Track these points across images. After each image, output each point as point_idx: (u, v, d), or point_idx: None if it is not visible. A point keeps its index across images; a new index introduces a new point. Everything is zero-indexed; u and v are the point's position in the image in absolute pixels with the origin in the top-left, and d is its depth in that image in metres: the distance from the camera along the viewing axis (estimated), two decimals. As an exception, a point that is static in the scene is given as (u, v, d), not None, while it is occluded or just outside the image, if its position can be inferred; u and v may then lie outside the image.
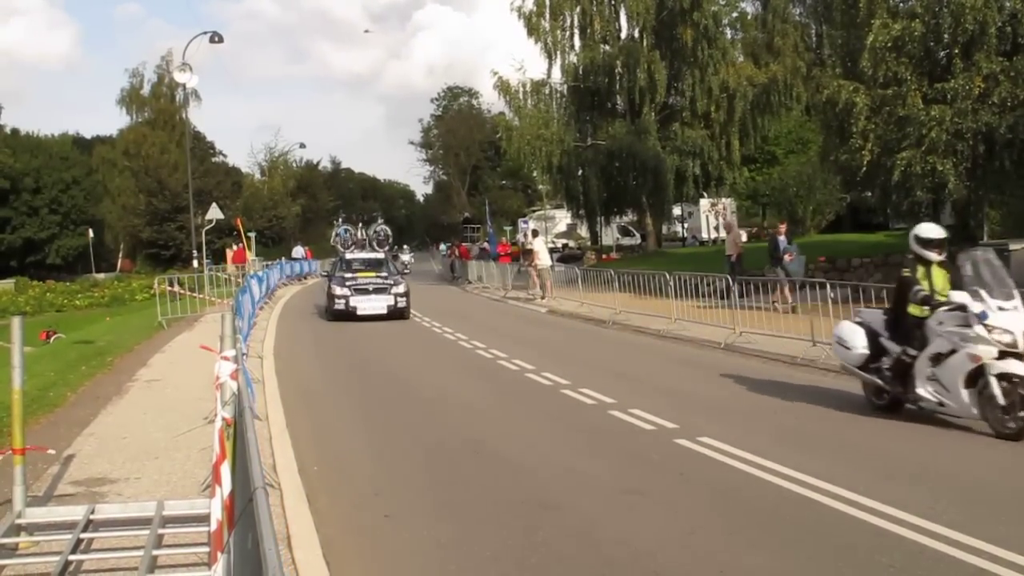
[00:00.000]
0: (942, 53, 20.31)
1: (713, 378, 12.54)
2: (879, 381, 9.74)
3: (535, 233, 35.17)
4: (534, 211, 73.65)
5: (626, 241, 51.45)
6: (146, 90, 74.14)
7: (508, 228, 61.53)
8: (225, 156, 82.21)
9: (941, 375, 8.88)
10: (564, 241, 58.39)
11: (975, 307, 8.56)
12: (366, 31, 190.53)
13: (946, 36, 19.45)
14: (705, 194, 47.85)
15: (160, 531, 6.04)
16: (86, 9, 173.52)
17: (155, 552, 5.71)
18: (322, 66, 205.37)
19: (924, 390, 9.06)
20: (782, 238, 20.70)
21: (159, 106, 73.23)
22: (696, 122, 42.28)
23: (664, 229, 50.58)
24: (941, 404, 8.95)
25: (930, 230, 9.50)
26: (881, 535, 5.89)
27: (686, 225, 57.05)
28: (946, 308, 8.88)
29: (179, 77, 35.52)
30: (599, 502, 6.93)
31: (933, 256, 9.34)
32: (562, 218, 63.43)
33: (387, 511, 6.92)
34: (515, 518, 6.61)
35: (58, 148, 65.53)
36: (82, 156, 67.87)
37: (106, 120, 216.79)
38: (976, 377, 8.52)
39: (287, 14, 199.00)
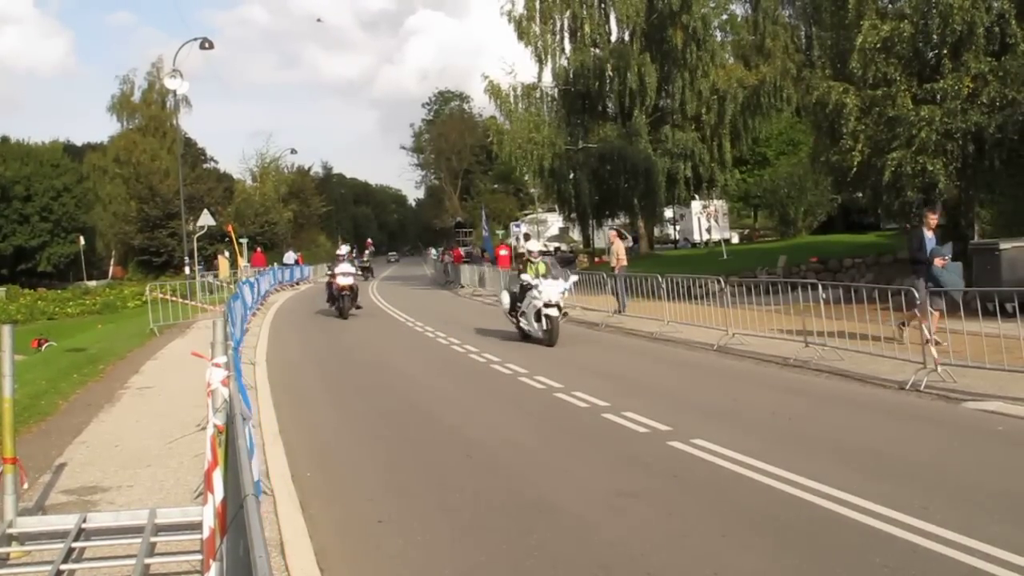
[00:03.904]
0: (931, 53, 20.36)
1: (706, 380, 12.56)
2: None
3: (527, 237, 35.23)
4: (526, 215, 73.74)
5: (618, 244, 51.48)
6: (137, 97, 74.31)
7: (500, 232, 61.60)
8: (216, 162, 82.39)
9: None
10: (556, 244, 58.43)
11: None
12: (318, 20, 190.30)
13: (935, 36, 19.50)
14: (697, 196, 47.95)
15: (153, 539, 6.02)
16: (79, 17, 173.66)
17: (147, 560, 5.69)
18: (314, 72, 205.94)
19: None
20: (930, 235, 13.90)
21: (150, 113, 73.30)
22: (687, 124, 42.40)
23: (656, 231, 50.67)
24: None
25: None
26: (875, 535, 5.90)
27: (678, 227, 57.15)
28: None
29: (170, 84, 35.46)
30: (593, 505, 6.92)
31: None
32: (554, 221, 63.52)
33: (380, 517, 6.90)
34: (509, 521, 6.60)
35: (49, 155, 65.13)
36: (73, 163, 67.50)
37: (97, 127, 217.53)
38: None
39: (278, 20, 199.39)
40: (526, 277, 17.22)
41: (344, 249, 27.39)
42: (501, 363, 14.67)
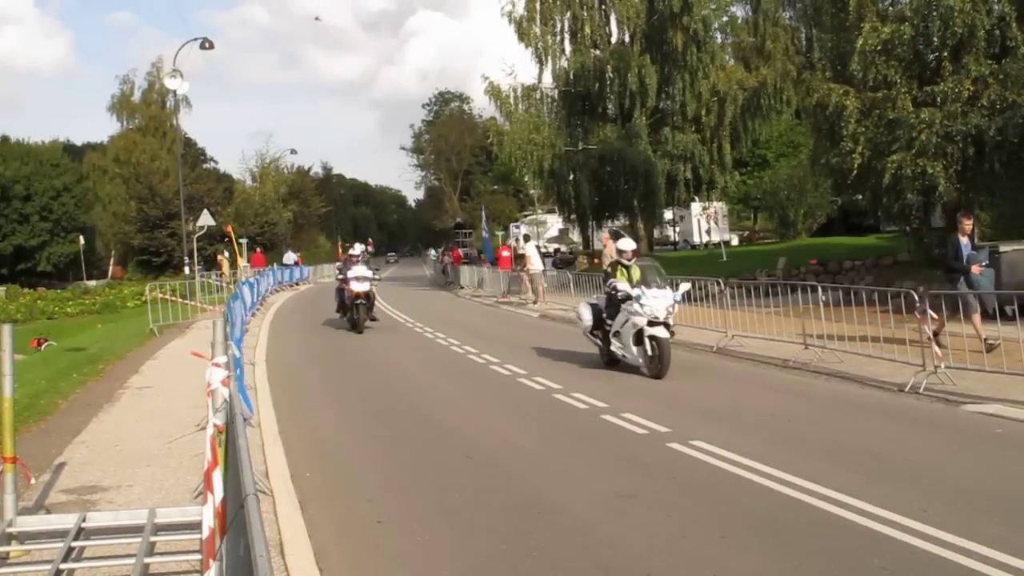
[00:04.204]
0: (931, 56, 20.39)
1: (705, 381, 12.55)
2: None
3: (527, 238, 35.23)
4: (526, 216, 73.77)
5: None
6: (137, 97, 74.41)
7: (500, 232, 61.64)
8: (216, 162, 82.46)
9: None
10: (556, 246, 58.47)
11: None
12: (316, 19, 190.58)
13: (935, 39, 19.53)
14: (696, 198, 47.96)
15: (152, 539, 6.02)
16: (79, 17, 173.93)
17: (147, 560, 5.69)
18: (314, 72, 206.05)
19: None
20: (965, 240, 13.59)
21: (150, 113, 73.40)
22: (687, 126, 42.41)
23: (656, 233, 50.66)
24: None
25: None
26: (873, 537, 5.90)
27: (678, 229, 57.17)
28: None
29: (169, 84, 35.45)
30: (592, 506, 6.92)
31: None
32: (554, 223, 63.62)
33: (379, 517, 6.91)
34: (508, 522, 6.61)
35: (48, 155, 65.20)
36: (73, 163, 67.63)
37: (97, 127, 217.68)
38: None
39: (279, 21, 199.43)
40: (622, 286, 13.25)
41: (358, 248, 22.66)
42: (500, 364, 14.67)
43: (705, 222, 50.39)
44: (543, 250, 41.80)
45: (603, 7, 42.35)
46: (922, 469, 7.53)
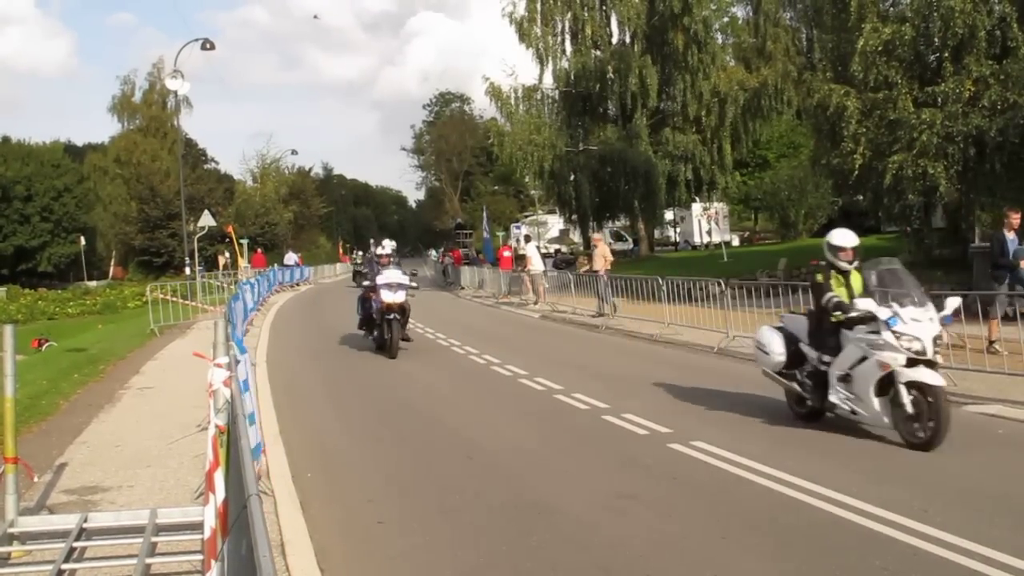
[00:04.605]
0: (932, 57, 20.38)
1: (706, 382, 12.54)
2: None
3: (528, 239, 35.24)
4: (527, 216, 73.77)
5: (619, 246, 51.42)
6: (137, 97, 74.42)
7: (501, 233, 61.63)
8: (217, 163, 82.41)
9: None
10: (556, 246, 58.48)
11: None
12: (315, 17, 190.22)
13: (936, 40, 19.52)
14: (697, 199, 47.98)
15: (153, 539, 6.03)
16: (80, 18, 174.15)
17: (148, 560, 5.70)
18: (315, 73, 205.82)
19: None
20: (1011, 235, 12.95)
21: (150, 113, 73.42)
22: (687, 127, 42.45)
23: (656, 234, 50.69)
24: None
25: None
26: (874, 538, 5.90)
27: (678, 230, 57.17)
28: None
29: (170, 84, 35.44)
30: (592, 506, 6.92)
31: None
32: (554, 223, 63.59)
33: (380, 517, 6.91)
34: (509, 523, 6.61)
35: (49, 156, 65.14)
36: (74, 164, 67.58)
37: (98, 127, 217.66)
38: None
39: (279, 21, 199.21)
40: (863, 304, 8.63)
41: (388, 246, 17.87)
42: (501, 364, 14.66)
43: (706, 223, 50.41)
44: (543, 251, 41.79)
45: (604, 8, 42.43)
46: (923, 470, 7.53)
